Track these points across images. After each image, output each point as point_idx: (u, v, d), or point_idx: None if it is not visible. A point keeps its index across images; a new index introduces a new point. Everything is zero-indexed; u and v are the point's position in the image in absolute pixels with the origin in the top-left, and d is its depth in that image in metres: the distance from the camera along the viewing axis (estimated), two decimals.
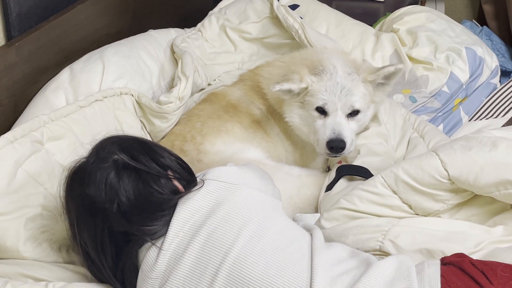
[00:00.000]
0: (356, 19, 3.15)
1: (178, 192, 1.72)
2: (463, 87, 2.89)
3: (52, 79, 2.44)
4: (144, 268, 1.67)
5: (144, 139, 1.85)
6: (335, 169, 2.22)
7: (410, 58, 2.91)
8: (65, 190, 1.75)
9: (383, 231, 1.85)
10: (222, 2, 3.18)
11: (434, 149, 1.92)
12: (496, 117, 2.82)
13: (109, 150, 1.71)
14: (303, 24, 2.79)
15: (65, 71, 2.46)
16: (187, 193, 1.70)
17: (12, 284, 1.75)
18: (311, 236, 1.71)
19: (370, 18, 3.37)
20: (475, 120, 2.84)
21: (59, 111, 2.19)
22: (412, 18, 3.10)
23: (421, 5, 3.97)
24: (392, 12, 3.26)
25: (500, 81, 3.07)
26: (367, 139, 2.38)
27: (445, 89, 2.86)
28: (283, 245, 1.63)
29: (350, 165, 2.23)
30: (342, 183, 2.15)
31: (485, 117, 2.84)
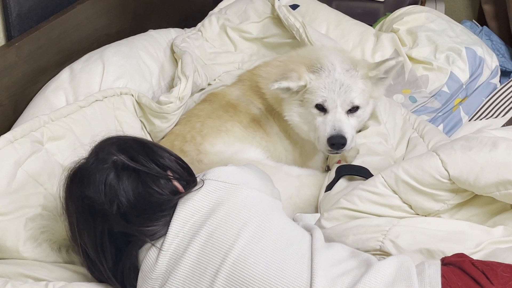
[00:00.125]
0: (356, 19, 3.15)
1: (178, 193, 1.71)
2: (463, 87, 2.89)
3: (52, 79, 2.44)
4: (144, 268, 1.66)
5: (143, 139, 1.84)
6: (334, 169, 2.21)
7: (410, 58, 2.91)
8: (64, 191, 1.75)
9: (384, 231, 1.85)
10: (222, 2, 3.18)
11: (435, 149, 1.92)
12: (496, 117, 2.82)
13: (108, 151, 1.71)
14: (304, 24, 2.79)
15: (65, 71, 2.46)
16: (187, 193, 1.70)
17: (12, 284, 1.74)
18: (311, 236, 1.71)
19: (370, 18, 3.37)
20: (475, 120, 2.84)
21: (59, 111, 2.19)
22: (412, 18, 3.10)
23: (421, 5, 3.96)
24: (392, 12, 3.26)
25: (500, 81, 3.06)
26: (367, 139, 2.38)
27: (445, 89, 2.86)
28: (283, 245, 1.63)
29: (349, 165, 2.23)
30: (342, 183, 2.15)
31: (485, 117, 2.84)
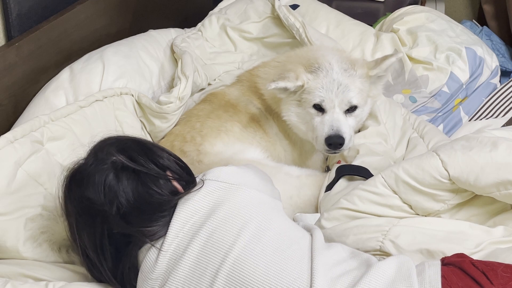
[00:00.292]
0: (356, 19, 3.15)
1: (177, 193, 1.71)
2: (463, 87, 2.89)
3: (52, 79, 2.43)
4: (144, 269, 1.66)
5: (142, 139, 1.84)
6: (334, 169, 2.21)
7: (410, 58, 2.91)
8: (63, 192, 1.75)
9: (384, 231, 1.85)
10: (222, 2, 3.18)
11: (435, 149, 1.91)
12: (496, 117, 2.82)
13: (107, 151, 1.70)
14: (304, 24, 2.79)
15: (65, 71, 2.46)
16: (186, 193, 1.70)
17: (12, 284, 1.74)
18: (311, 236, 1.71)
19: (370, 18, 3.37)
20: (475, 120, 2.84)
21: (59, 111, 2.19)
22: (412, 18, 3.10)
23: (421, 5, 3.96)
24: (392, 12, 3.26)
25: (500, 81, 3.06)
26: (366, 139, 2.37)
27: (445, 89, 2.86)
28: (283, 246, 1.62)
29: (349, 165, 2.23)
30: (342, 183, 2.15)
31: (485, 117, 2.84)
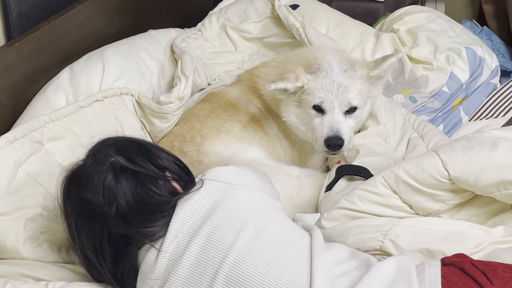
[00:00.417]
0: (356, 19, 3.15)
1: (176, 193, 1.71)
2: (463, 87, 2.89)
3: (52, 79, 2.43)
4: (143, 269, 1.66)
5: (140, 140, 1.83)
6: (334, 169, 2.21)
7: (410, 58, 2.91)
8: (62, 193, 1.75)
9: (384, 231, 1.85)
10: (222, 2, 3.18)
11: (435, 149, 1.91)
12: (496, 117, 2.82)
13: (106, 152, 1.70)
14: (304, 24, 2.79)
15: (65, 71, 2.46)
16: (186, 193, 1.70)
17: (12, 284, 1.74)
18: (311, 236, 1.71)
19: (370, 18, 3.37)
20: (475, 120, 2.84)
21: (59, 111, 2.18)
22: (412, 18, 3.10)
23: (421, 5, 3.96)
24: (392, 12, 3.26)
25: (500, 81, 3.06)
26: (366, 139, 2.37)
27: (445, 89, 2.86)
28: (282, 246, 1.62)
29: (350, 165, 2.23)
30: (342, 183, 2.15)
31: (485, 117, 2.84)
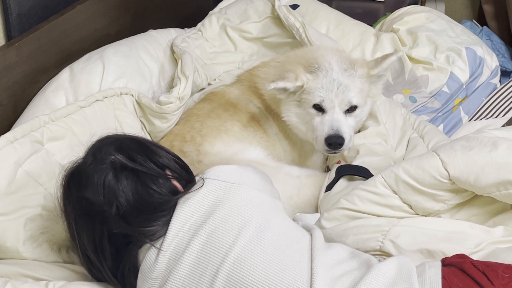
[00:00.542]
0: (356, 19, 3.15)
1: (177, 192, 1.71)
2: (463, 87, 2.89)
3: (52, 79, 2.43)
4: (143, 268, 1.66)
5: (140, 138, 1.83)
6: (334, 169, 2.21)
7: (410, 58, 2.91)
8: (62, 192, 1.74)
9: (384, 231, 1.85)
10: (222, 2, 3.18)
11: (435, 149, 1.91)
12: (496, 117, 2.82)
13: (105, 151, 1.69)
14: (304, 24, 2.79)
15: (65, 71, 2.46)
16: (186, 192, 1.70)
17: (12, 284, 1.74)
18: (311, 236, 1.70)
19: (370, 18, 3.37)
20: (475, 120, 2.84)
21: (59, 111, 2.18)
22: (412, 18, 3.10)
23: (421, 5, 3.96)
24: (392, 12, 3.26)
25: (500, 81, 3.06)
26: (366, 139, 2.38)
27: (445, 89, 2.86)
28: (283, 245, 1.62)
29: (350, 165, 2.23)
30: (342, 183, 2.15)
31: (485, 117, 2.84)
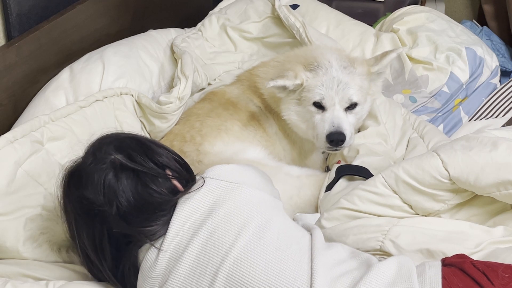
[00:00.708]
0: (356, 19, 3.15)
1: (177, 192, 1.71)
2: (463, 87, 2.89)
3: (52, 79, 2.43)
4: (144, 268, 1.66)
5: (140, 137, 1.82)
6: (334, 169, 2.21)
7: (410, 58, 2.91)
8: (62, 191, 1.74)
9: (384, 231, 1.85)
10: (222, 2, 3.18)
11: (435, 149, 1.91)
12: (496, 117, 2.82)
13: (105, 150, 1.69)
14: (304, 23, 2.79)
15: (65, 71, 2.46)
16: (187, 192, 1.69)
17: (12, 284, 1.74)
18: (311, 236, 1.71)
19: (370, 18, 3.37)
20: (475, 120, 2.84)
21: (59, 111, 2.18)
22: (412, 18, 3.10)
23: (421, 5, 3.96)
24: (392, 12, 3.26)
25: (500, 81, 3.06)
26: (366, 139, 2.38)
27: (445, 89, 2.86)
28: (283, 245, 1.62)
29: (350, 165, 2.23)
30: (342, 183, 2.15)
31: (485, 117, 2.84)
